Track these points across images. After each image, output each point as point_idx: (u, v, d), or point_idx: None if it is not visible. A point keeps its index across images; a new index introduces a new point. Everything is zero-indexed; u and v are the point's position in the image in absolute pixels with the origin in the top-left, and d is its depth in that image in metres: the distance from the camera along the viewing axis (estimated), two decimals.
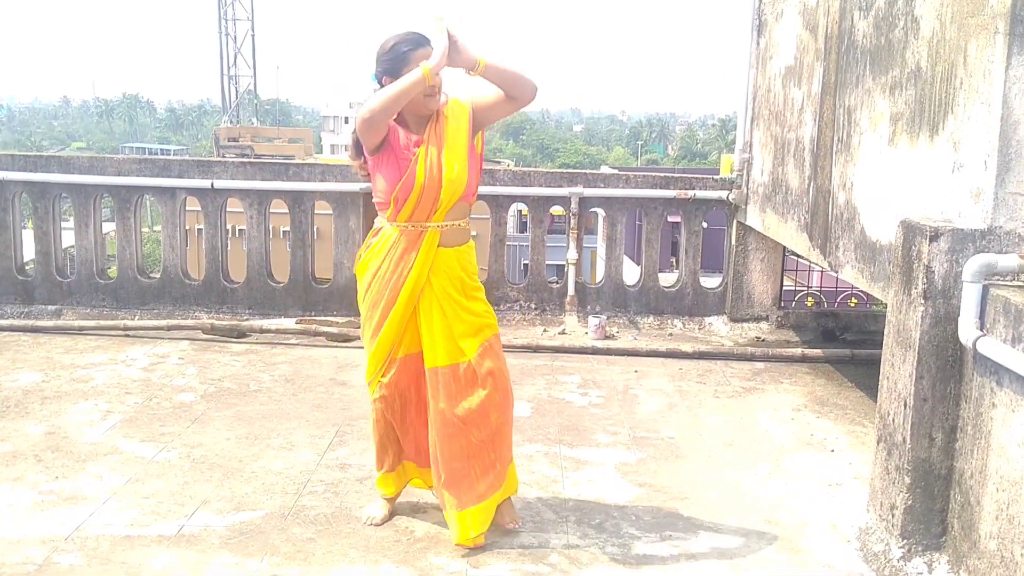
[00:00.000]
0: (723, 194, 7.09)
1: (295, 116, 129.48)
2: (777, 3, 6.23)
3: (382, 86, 3.46)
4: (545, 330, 7.02)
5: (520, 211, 23.59)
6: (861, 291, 4.93)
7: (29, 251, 7.49)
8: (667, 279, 7.65)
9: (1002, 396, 3.06)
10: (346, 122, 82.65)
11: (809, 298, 8.78)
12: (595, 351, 6.50)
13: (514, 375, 3.78)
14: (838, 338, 6.90)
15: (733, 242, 7.15)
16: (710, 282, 7.48)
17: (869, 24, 4.54)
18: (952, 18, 3.66)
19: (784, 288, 7.38)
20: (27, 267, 7.48)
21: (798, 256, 6.37)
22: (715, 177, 7.23)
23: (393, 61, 3.41)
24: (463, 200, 3.54)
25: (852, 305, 9.25)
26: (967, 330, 3.21)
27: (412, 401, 3.70)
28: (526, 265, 7.82)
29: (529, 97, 3.49)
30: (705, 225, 7.47)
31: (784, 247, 6.69)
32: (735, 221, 7.11)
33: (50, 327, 6.72)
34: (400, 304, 3.50)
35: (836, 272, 5.04)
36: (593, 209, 7.77)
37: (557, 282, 7.48)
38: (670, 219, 7.58)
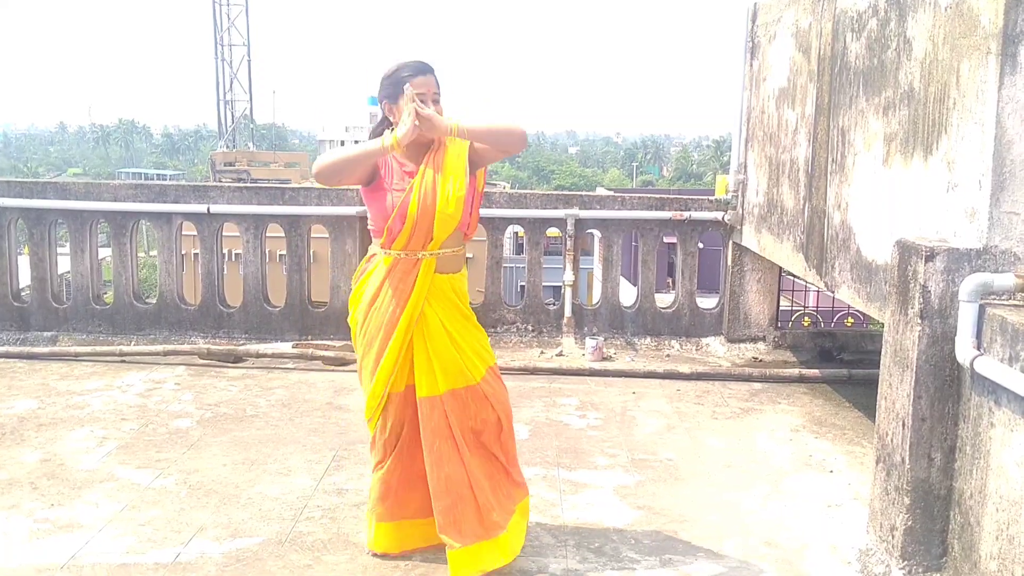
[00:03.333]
0: (718, 215, 7.11)
1: (291, 140, 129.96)
2: (770, 25, 6.27)
3: (382, 110, 3.47)
4: (542, 352, 7.01)
5: (516, 233, 23.66)
6: (857, 310, 4.93)
7: (25, 277, 7.48)
8: (664, 300, 7.65)
9: (1000, 415, 3.06)
10: (342, 146, 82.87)
11: (806, 318, 8.78)
12: (592, 373, 6.49)
13: (512, 398, 3.75)
14: (835, 358, 6.90)
15: (729, 263, 7.16)
16: (707, 303, 7.48)
17: (862, 45, 4.57)
18: (944, 39, 3.69)
19: (780, 308, 7.38)
20: (23, 293, 7.46)
21: (794, 276, 6.38)
22: (710, 198, 7.24)
23: (392, 86, 3.40)
24: (459, 231, 3.51)
25: (849, 324, 9.24)
26: (964, 349, 3.21)
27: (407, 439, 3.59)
28: (523, 287, 7.82)
29: (517, 150, 3.51)
30: (701, 246, 7.48)
31: (780, 267, 6.71)
32: (731, 242, 7.12)
33: (46, 353, 6.70)
34: (399, 333, 3.43)
35: (833, 292, 5.05)
36: (589, 231, 7.78)
37: (554, 304, 7.47)
38: (666, 240, 7.59)
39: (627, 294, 8.37)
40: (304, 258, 7.25)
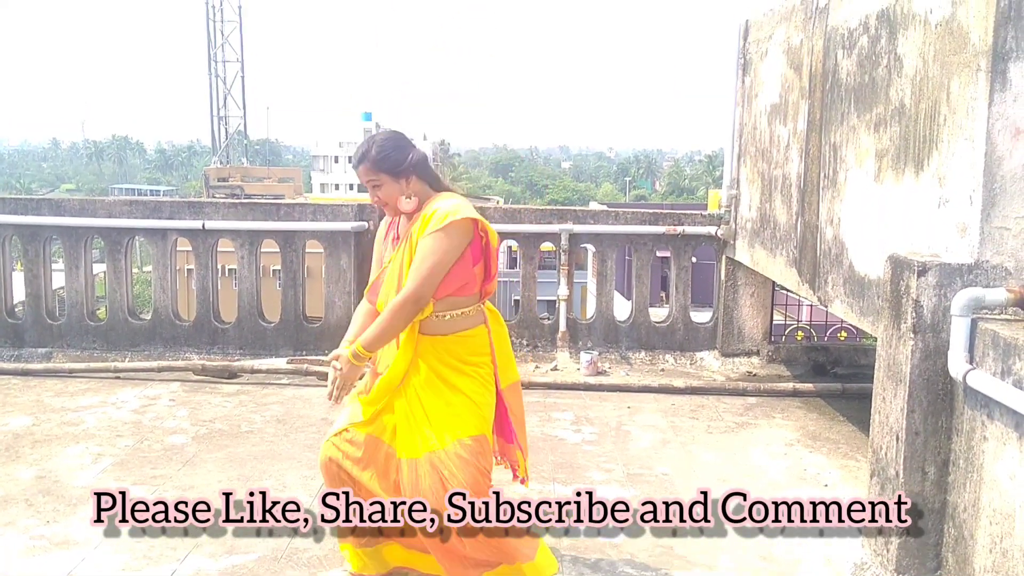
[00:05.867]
0: (712, 230, 7.14)
1: (285, 156, 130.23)
2: (761, 42, 6.32)
3: None
4: (537, 366, 7.02)
5: (511, 248, 23.65)
6: (851, 324, 4.96)
7: (19, 294, 7.48)
8: (658, 314, 7.67)
9: (993, 429, 3.08)
10: (336, 161, 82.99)
11: (799, 332, 8.81)
12: (587, 387, 6.50)
13: None
14: (829, 372, 6.92)
15: (723, 277, 7.19)
16: (700, 317, 7.50)
17: (853, 62, 4.61)
18: (935, 56, 3.73)
19: (774, 322, 7.41)
20: (17, 310, 7.45)
21: (787, 291, 6.40)
22: (703, 213, 7.28)
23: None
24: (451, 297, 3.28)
25: (842, 338, 9.28)
26: (957, 364, 3.24)
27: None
28: (517, 301, 7.84)
29: (417, 312, 3.25)
30: (694, 260, 7.52)
31: (773, 282, 6.74)
32: (724, 256, 7.16)
33: (40, 370, 6.69)
34: (388, 378, 3.31)
35: (826, 307, 5.07)
36: (583, 245, 7.80)
37: (548, 318, 7.49)
38: (659, 254, 7.62)
39: (621, 308, 8.39)
40: (299, 274, 7.26)
